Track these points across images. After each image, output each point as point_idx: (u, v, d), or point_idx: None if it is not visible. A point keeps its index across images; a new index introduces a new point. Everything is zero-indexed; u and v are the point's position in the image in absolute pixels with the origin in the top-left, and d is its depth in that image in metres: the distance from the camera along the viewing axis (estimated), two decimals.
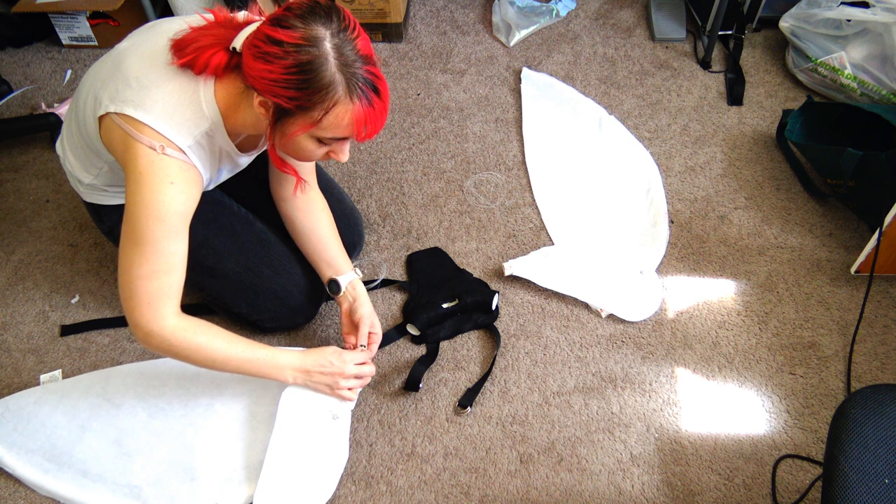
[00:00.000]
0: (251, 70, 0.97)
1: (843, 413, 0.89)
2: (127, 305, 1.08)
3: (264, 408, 1.33)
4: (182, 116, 1.04)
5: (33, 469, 1.28)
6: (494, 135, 1.95)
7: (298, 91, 0.96)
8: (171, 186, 1.04)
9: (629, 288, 1.56)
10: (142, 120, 1.01)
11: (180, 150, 1.04)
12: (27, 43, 2.27)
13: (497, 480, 1.29)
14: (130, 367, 1.42)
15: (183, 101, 1.04)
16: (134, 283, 1.06)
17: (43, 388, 1.39)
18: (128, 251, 1.07)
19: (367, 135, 1.03)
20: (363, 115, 1.00)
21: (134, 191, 1.04)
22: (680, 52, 2.21)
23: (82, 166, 1.24)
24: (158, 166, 1.03)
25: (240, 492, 1.24)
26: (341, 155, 1.09)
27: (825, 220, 1.71)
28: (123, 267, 1.07)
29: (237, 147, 1.18)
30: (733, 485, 1.27)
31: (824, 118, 1.80)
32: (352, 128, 1.01)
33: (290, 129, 1.01)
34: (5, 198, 1.80)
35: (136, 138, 1.01)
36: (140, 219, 1.04)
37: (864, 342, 1.47)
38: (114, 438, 1.31)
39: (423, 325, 1.47)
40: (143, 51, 1.07)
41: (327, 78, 0.95)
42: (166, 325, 1.09)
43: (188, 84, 1.04)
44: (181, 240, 1.08)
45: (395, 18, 2.19)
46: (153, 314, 1.08)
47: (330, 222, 1.40)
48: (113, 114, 1.03)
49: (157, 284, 1.07)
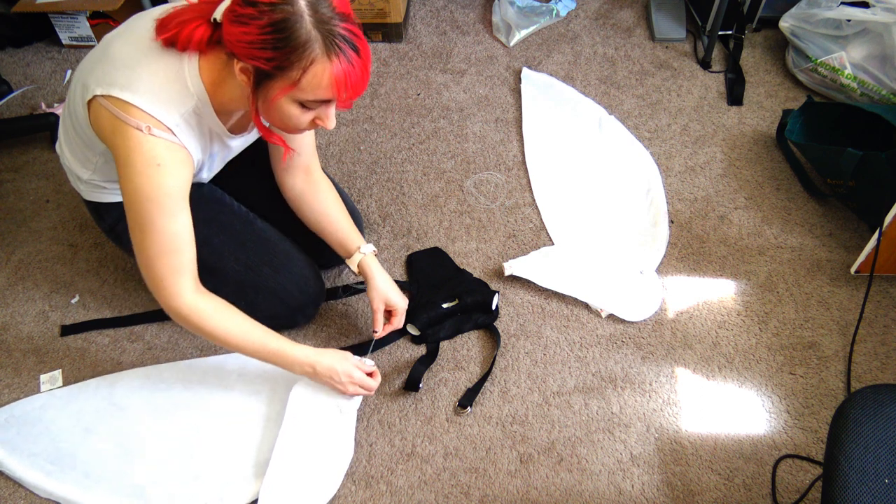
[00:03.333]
0: (229, 35, 0.98)
1: (843, 413, 0.89)
2: (148, 285, 1.14)
3: (275, 408, 1.34)
4: (167, 94, 1.04)
5: (35, 471, 1.28)
6: (494, 135, 1.95)
7: (275, 51, 0.95)
8: (158, 168, 1.04)
9: (629, 288, 1.56)
10: (128, 100, 1.02)
11: (168, 130, 1.05)
12: (27, 43, 2.27)
13: (497, 480, 1.29)
14: (137, 372, 1.42)
15: (168, 78, 1.05)
16: (146, 265, 1.11)
17: (49, 393, 1.40)
18: (134, 235, 1.10)
19: (349, 96, 1.02)
20: (343, 74, 0.99)
21: (123, 175, 1.06)
22: (680, 52, 2.21)
23: (78, 161, 1.25)
24: (145, 148, 1.03)
25: (246, 488, 1.25)
26: (327, 121, 1.08)
27: (825, 220, 1.71)
28: (135, 250, 1.12)
29: (229, 130, 1.19)
30: (733, 485, 1.27)
31: (824, 118, 1.80)
32: (332, 88, 1.00)
33: (272, 94, 1.01)
34: (5, 198, 1.80)
35: (123, 120, 1.02)
36: (134, 203, 1.07)
37: (864, 342, 1.47)
38: (118, 441, 1.31)
39: (423, 325, 1.47)
40: (129, 35, 1.09)
41: (303, 35, 0.95)
42: (183, 302, 1.13)
43: (172, 62, 1.05)
44: (179, 219, 1.09)
45: (395, 18, 2.19)
46: (169, 292, 1.12)
47: (337, 202, 1.41)
48: (100, 97, 1.04)
49: (166, 263, 1.10)
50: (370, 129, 1.98)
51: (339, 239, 1.40)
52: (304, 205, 1.40)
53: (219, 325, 1.16)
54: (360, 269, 1.38)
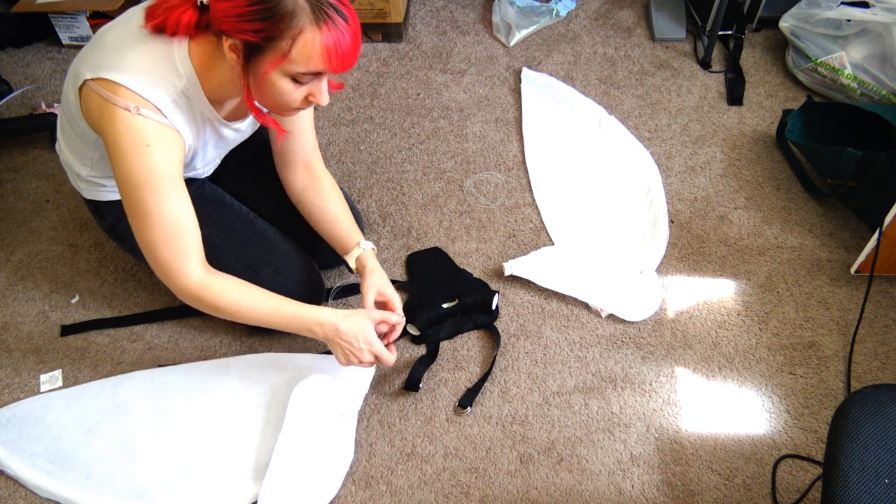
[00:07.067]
0: (217, 13, 0.98)
1: (843, 413, 0.89)
2: (154, 271, 1.14)
3: (275, 411, 1.33)
4: (157, 74, 1.05)
5: (35, 471, 1.28)
6: (494, 135, 1.95)
7: (264, 21, 0.95)
8: (146, 149, 1.04)
9: (629, 288, 1.56)
10: (117, 80, 1.02)
11: (156, 110, 1.05)
12: (27, 43, 2.27)
13: (497, 480, 1.29)
14: (142, 374, 1.42)
15: (156, 60, 1.05)
16: (150, 251, 1.10)
17: (51, 394, 1.40)
18: (133, 223, 1.10)
19: (340, 65, 1.01)
20: (333, 42, 0.98)
21: (114, 159, 1.06)
22: (680, 52, 2.21)
23: (76, 158, 1.25)
24: (133, 128, 1.03)
25: (247, 490, 1.25)
26: (320, 96, 1.07)
27: (825, 220, 1.71)
28: (137, 238, 1.11)
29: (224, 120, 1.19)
30: (733, 485, 1.27)
31: (824, 118, 1.80)
32: (323, 58, 0.99)
33: (262, 68, 1.00)
34: (5, 198, 1.80)
35: (111, 101, 1.02)
36: (127, 189, 1.07)
37: (864, 342, 1.47)
38: (120, 442, 1.31)
39: (423, 325, 1.47)
40: (121, 23, 1.09)
41: (290, 4, 0.95)
42: (192, 282, 1.13)
43: (162, 45, 1.05)
44: (175, 201, 1.09)
45: (395, 18, 2.19)
46: (178, 276, 1.12)
47: (339, 199, 1.40)
48: (90, 81, 1.04)
49: (171, 249, 1.10)
50: (370, 129, 1.98)
51: (339, 235, 1.39)
52: (306, 200, 1.39)
53: (231, 300, 1.16)
54: (357, 264, 1.37)
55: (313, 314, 1.21)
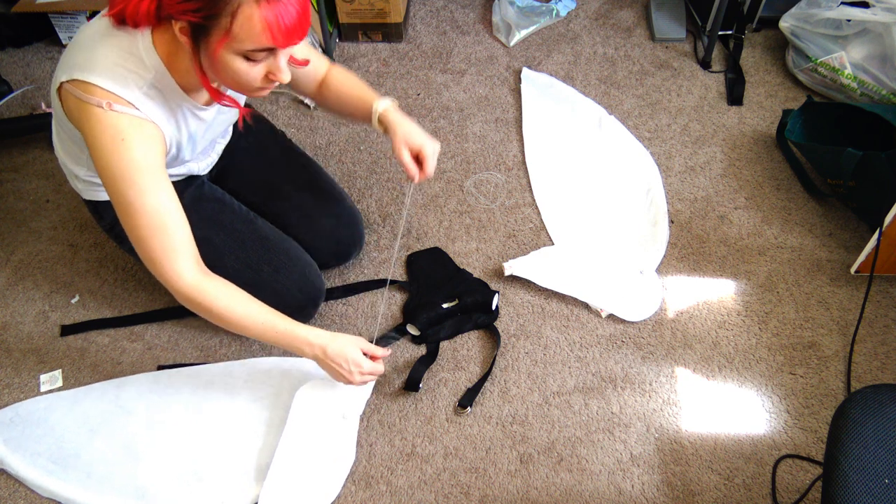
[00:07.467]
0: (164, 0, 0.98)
1: (843, 413, 0.89)
2: (150, 270, 1.13)
3: (278, 413, 1.33)
4: (124, 69, 1.05)
5: (37, 470, 1.28)
6: (494, 135, 1.95)
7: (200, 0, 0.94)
8: (122, 143, 1.04)
9: (629, 288, 1.56)
10: (88, 80, 1.02)
11: (129, 104, 1.05)
12: (27, 43, 2.27)
13: (497, 480, 1.29)
14: (146, 376, 1.42)
15: (121, 55, 1.05)
16: (140, 248, 1.10)
17: (54, 395, 1.40)
18: (121, 220, 1.10)
19: (286, 39, 0.99)
20: (274, 16, 0.96)
21: (94, 157, 1.06)
22: (680, 52, 2.21)
23: (70, 158, 1.26)
24: (106, 124, 1.03)
25: (248, 491, 1.25)
26: (280, 74, 1.05)
27: (825, 220, 1.71)
28: (129, 237, 1.11)
29: (204, 105, 1.19)
30: (733, 485, 1.27)
31: (824, 118, 1.80)
32: (266, 33, 0.97)
33: (211, 48, 0.99)
34: (5, 198, 1.80)
35: (85, 100, 1.03)
36: (109, 185, 1.07)
37: (864, 342, 1.47)
38: (123, 443, 1.31)
39: (423, 325, 1.47)
40: (94, 22, 1.09)
41: None
42: (184, 283, 1.11)
43: (127, 39, 1.05)
44: (157, 194, 1.08)
45: (395, 18, 2.19)
46: (169, 273, 1.11)
47: (348, 76, 1.39)
48: (66, 83, 1.05)
49: (157, 243, 1.09)
50: (370, 129, 1.98)
51: (353, 111, 1.37)
52: (323, 97, 1.40)
53: (225, 307, 1.14)
54: (381, 125, 1.33)
55: (304, 334, 1.20)
